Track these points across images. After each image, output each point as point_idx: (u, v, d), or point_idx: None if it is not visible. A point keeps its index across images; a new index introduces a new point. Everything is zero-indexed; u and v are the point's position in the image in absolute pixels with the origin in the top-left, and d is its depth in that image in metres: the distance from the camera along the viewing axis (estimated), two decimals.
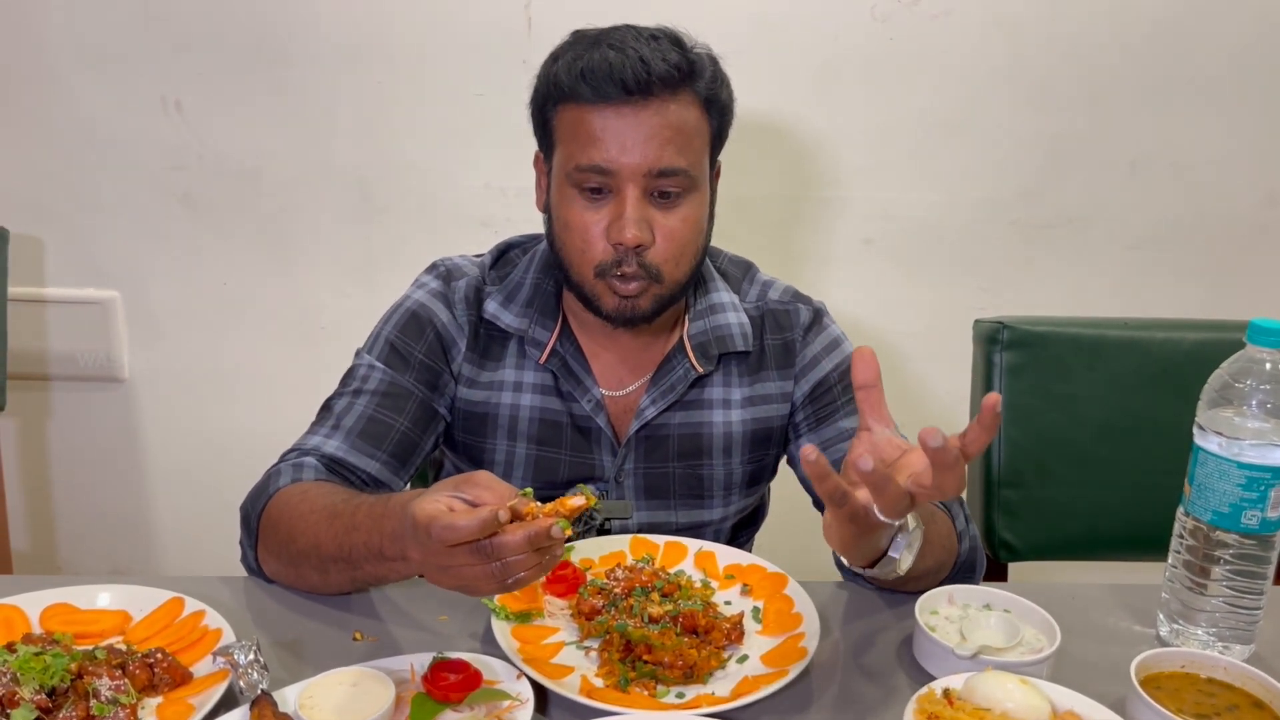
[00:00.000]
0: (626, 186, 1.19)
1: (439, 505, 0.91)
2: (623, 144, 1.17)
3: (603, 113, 1.17)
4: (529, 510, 0.91)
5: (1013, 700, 0.92)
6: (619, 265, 1.21)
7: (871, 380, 1.00)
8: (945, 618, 1.11)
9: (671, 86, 1.18)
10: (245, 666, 0.95)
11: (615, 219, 1.20)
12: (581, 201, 1.21)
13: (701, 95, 1.21)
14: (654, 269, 1.22)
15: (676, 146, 1.19)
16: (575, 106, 1.19)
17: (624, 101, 1.16)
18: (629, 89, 1.15)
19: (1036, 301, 2.02)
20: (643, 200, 1.20)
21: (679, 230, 1.22)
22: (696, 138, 1.22)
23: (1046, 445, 1.60)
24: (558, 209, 1.25)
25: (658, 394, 1.33)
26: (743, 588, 1.21)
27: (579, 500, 0.93)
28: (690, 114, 1.20)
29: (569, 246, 1.24)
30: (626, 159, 1.17)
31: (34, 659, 0.94)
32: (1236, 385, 1.06)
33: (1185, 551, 1.11)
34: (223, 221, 1.97)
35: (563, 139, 1.22)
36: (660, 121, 1.17)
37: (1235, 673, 1.02)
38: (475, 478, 0.95)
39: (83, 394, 2.08)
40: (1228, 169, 1.95)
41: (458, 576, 0.92)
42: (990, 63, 1.88)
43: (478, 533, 0.87)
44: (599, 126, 1.17)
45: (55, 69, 1.88)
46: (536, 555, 0.90)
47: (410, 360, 1.32)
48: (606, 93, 1.16)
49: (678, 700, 1.01)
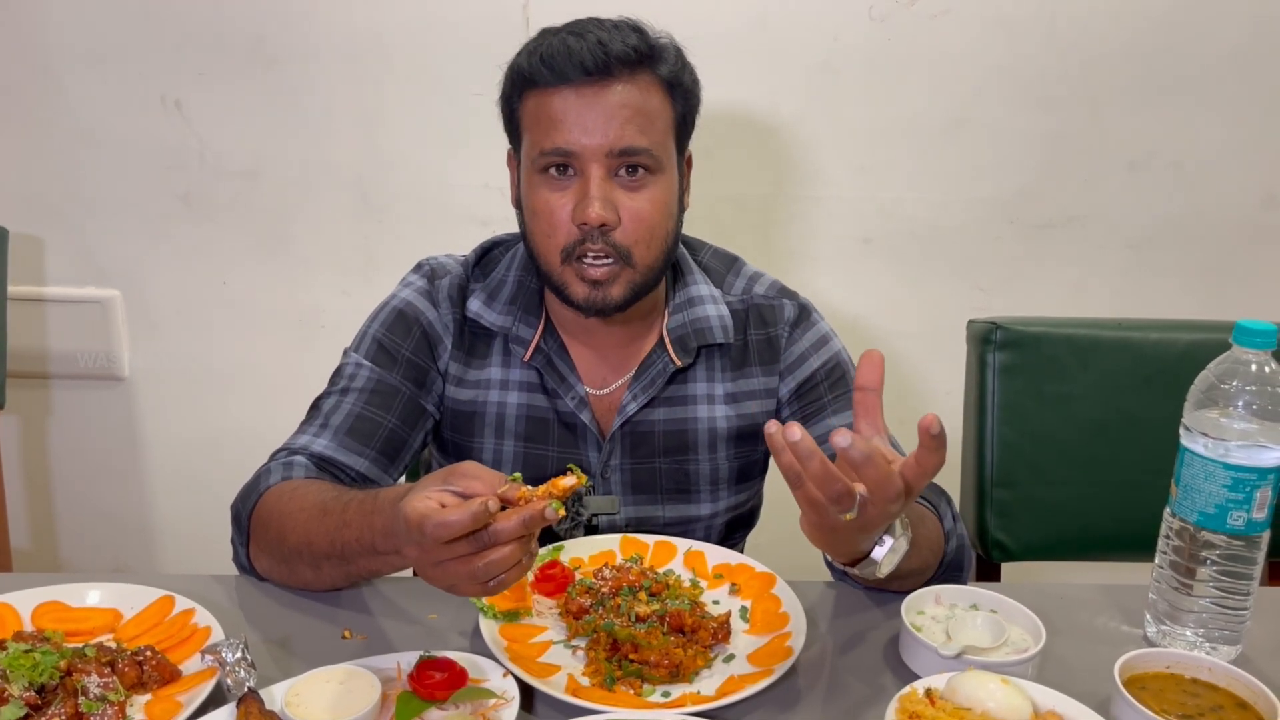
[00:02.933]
0: (589, 167, 1.19)
1: (429, 503, 0.92)
2: (584, 125, 1.18)
3: (563, 94, 1.19)
4: (521, 494, 0.92)
5: (994, 700, 0.93)
6: (584, 244, 1.21)
7: (873, 384, 1.00)
8: (932, 617, 1.12)
9: (630, 66, 1.19)
10: (233, 664, 0.96)
11: (580, 200, 1.20)
12: (547, 188, 1.22)
13: (663, 77, 1.22)
14: (623, 249, 1.22)
15: (637, 125, 1.19)
16: (536, 92, 1.21)
17: (583, 83, 1.18)
18: (587, 69, 1.17)
19: (1034, 301, 2.01)
20: (607, 180, 1.20)
21: (646, 211, 1.22)
22: (658, 119, 1.22)
23: (1039, 445, 1.60)
24: (527, 199, 1.26)
25: (639, 389, 1.34)
26: (731, 587, 1.21)
27: (570, 480, 0.94)
28: (651, 96, 1.21)
29: (537, 233, 1.25)
30: (588, 139, 1.18)
31: (23, 656, 0.95)
32: (1223, 386, 1.06)
33: (1172, 552, 1.11)
34: (222, 221, 1.98)
35: (528, 127, 1.24)
36: (619, 101, 1.19)
37: (1220, 673, 1.02)
38: (462, 468, 0.95)
39: (83, 392, 2.09)
40: (1226, 169, 1.95)
41: (452, 573, 0.92)
42: (988, 62, 1.88)
43: (470, 525, 0.88)
44: (559, 109, 1.19)
45: (55, 68, 1.89)
46: (520, 550, 0.91)
47: (398, 358, 1.33)
48: (565, 74, 1.18)
49: (663, 699, 1.01)
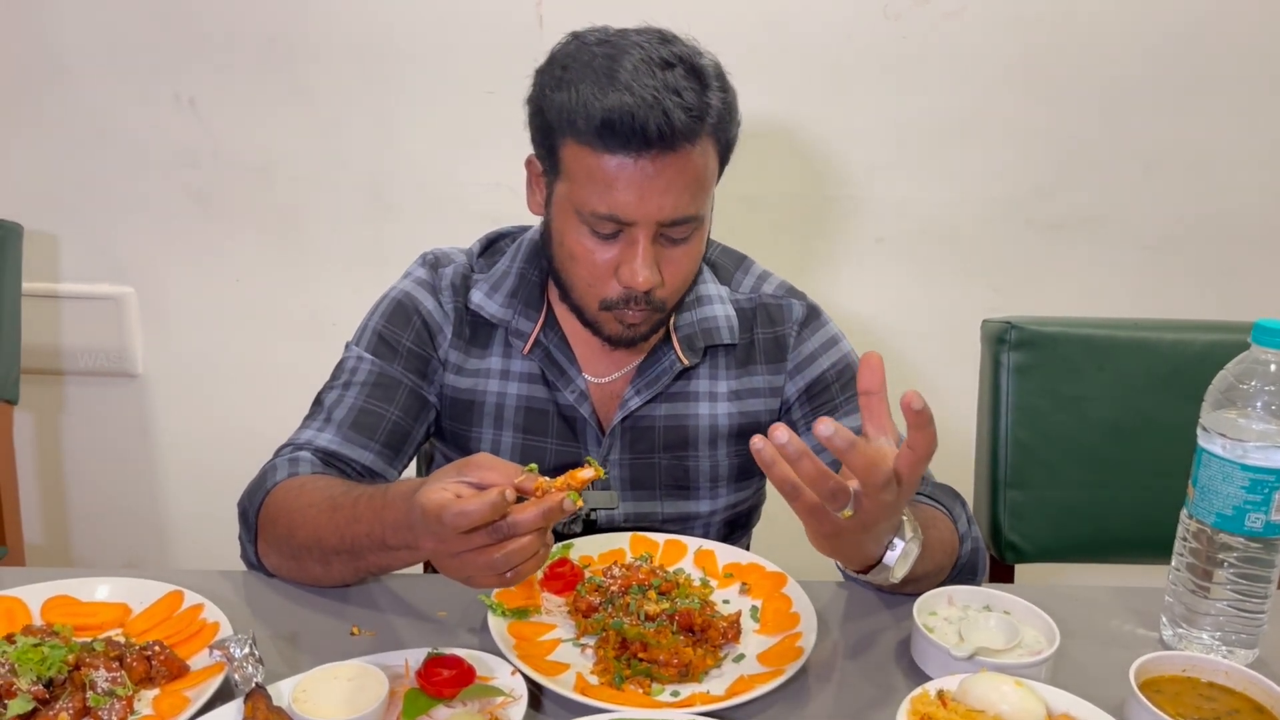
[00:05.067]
0: (639, 233, 1.16)
1: (446, 494, 0.92)
2: (640, 194, 1.13)
3: (620, 163, 1.12)
4: (538, 485, 0.92)
5: (1007, 702, 0.92)
6: (627, 303, 1.21)
7: (875, 387, 0.99)
8: (944, 619, 1.10)
9: (690, 138, 1.13)
10: (241, 660, 0.96)
11: (626, 262, 1.17)
12: (590, 239, 1.19)
13: (716, 136, 1.17)
14: (660, 303, 1.23)
15: (691, 194, 1.16)
16: (590, 151, 1.14)
17: (643, 153, 1.12)
18: (649, 141, 1.11)
19: (1049, 302, 2.00)
20: (653, 244, 1.18)
21: (684, 263, 1.22)
22: (710, 180, 1.19)
23: (1054, 446, 1.58)
24: (562, 235, 1.22)
25: (642, 384, 1.33)
26: (741, 586, 1.21)
27: (588, 472, 0.94)
28: (708, 159, 1.17)
29: (574, 275, 1.23)
30: (643, 210, 1.14)
31: (32, 650, 0.95)
32: (1241, 387, 1.05)
33: (1189, 554, 1.10)
34: (235, 218, 1.99)
35: (573, 176, 1.17)
36: (677, 172, 1.13)
37: (1236, 677, 1.01)
38: (477, 460, 0.95)
39: (96, 389, 2.10)
40: (1243, 169, 1.93)
41: (470, 564, 0.92)
42: (1003, 61, 1.87)
43: (489, 515, 0.88)
44: (614, 175, 1.13)
45: (70, 66, 1.90)
46: (537, 541, 0.91)
47: (398, 349, 1.32)
48: (626, 145, 1.11)
49: (672, 699, 1.01)
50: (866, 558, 1.04)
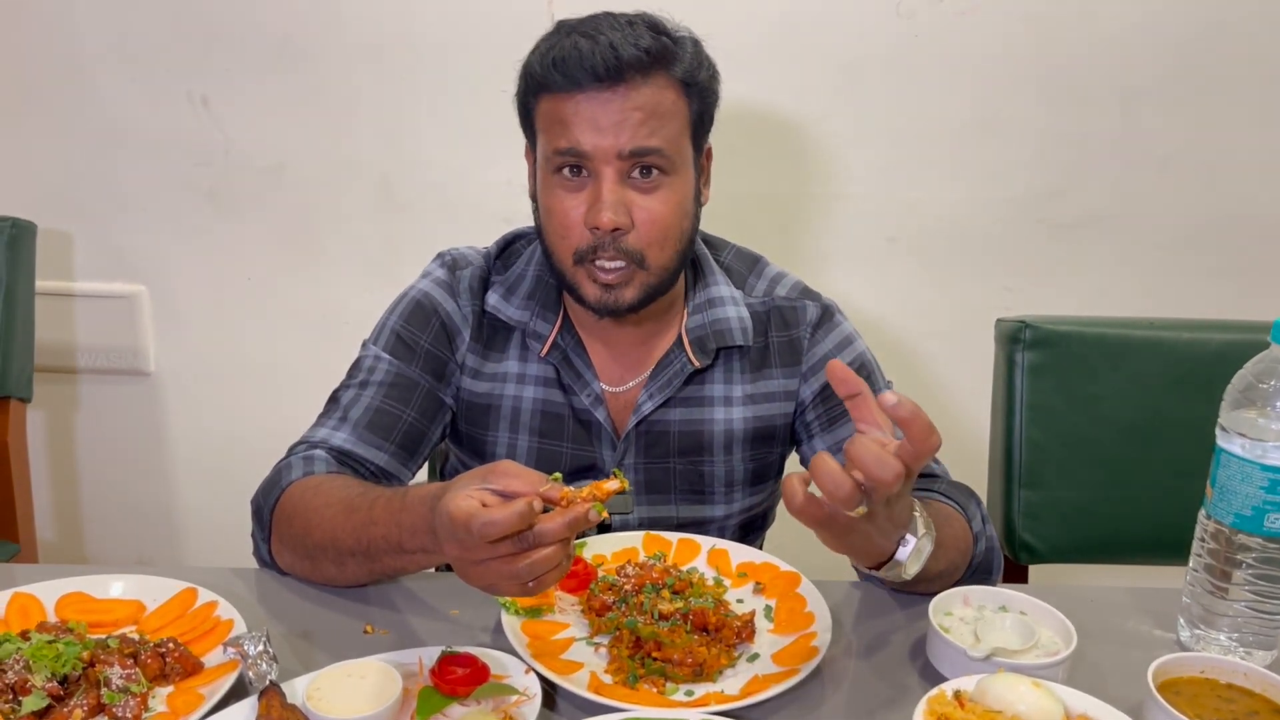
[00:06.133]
0: (602, 169, 1.18)
1: (472, 501, 0.91)
2: (595, 127, 1.17)
3: (575, 99, 1.17)
4: (564, 495, 0.92)
5: (1025, 703, 0.91)
6: (596, 251, 1.21)
7: (854, 389, 0.97)
8: (960, 619, 1.10)
9: (643, 70, 1.17)
10: (255, 657, 0.96)
11: (593, 203, 1.19)
12: (561, 189, 1.21)
13: (678, 77, 1.20)
14: (636, 254, 1.21)
15: (649, 128, 1.18)
16: (550, 96, 1.19)
17: (595, 87, 1.16)
18: (599, 75, 1.15)
19: (1062, 302, 1.99)
20: (620, 184, 1.19)
21: (660, 213, 1.21)
22: (673, 120, 1.20)
23: (1068, 446, 1.58)
24: (541, 198, 1.25)
25: (655, 388, 1.33)
26: (755, 586, 1.20)
27: (614, 484, 0.94)
28: (664, 96, 1.19)
29: (550, 233, 1.25)
30: (599, 140, 1.17)
31: (47, 647, 0.95)
32: (1260, 386, 1.04)
33: (1207, 555, 1.09)
34: (247, 217, 1.99)
35: (542, 128, 1.23)
36: (631, 104, 1.17)
37: (1255, 679, 1.00)
38: (501, 467, 0.95)
39: (109, 387, 2.10)
40: (1259, 168, 1.92)
41: (493, 573, 0.92)
42: (1017, 60, 1.86)
43: (517, 525, 0.88)
44: (571, 112, 1.17)
45: (83, 66, 1.90)
46: (561, 552, 0.91)
47: (416, 350, 1.32)
48: (577, 79, 1.16)
49: (687, 698, 1.00)
50: (879, 554, 1.03)
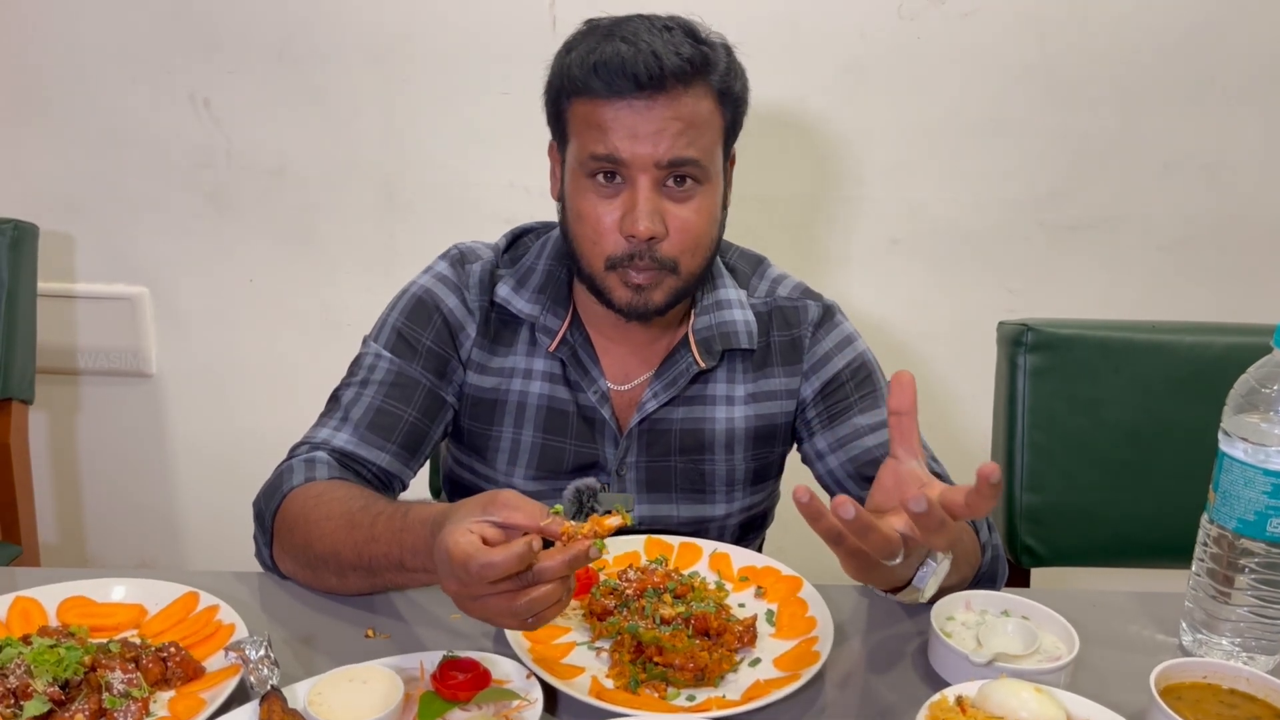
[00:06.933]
0: (639, 177, 1.18)
1: (471, 537, 0.90)
2: (635, 135, 1.16)
3: (615, 106, 1.16)
4: (565, 530, 0.91)
5: (1027, 709, 0.91)
6: (631, 259, 1.20)
7: (905, 408, 0.99)
8: (962, 624, 1.10)
9: (684, 80, 1.16)
10: (256, 662, 0.96)
11: (628, 211, 1.19)
12: (594, 193, 1.21)
13: (715, 87, 1.20)
14: (669, 261, 1.21)
15: (688, 138, 1.17)
16: (588, 101, 1.18)
17: (636, 95, 1.15)
18: (641, 83, 1.14)
19: (1065, 303, 1.99)
20: (655, 192, 1.19)
21: (693, 221, 1.21)
22: (709, 129, 1.20)
23: (1070, 450, 1.57)
24: (571, 199, 1.24)
25: (660, 387, 1.33)
26: (757, 590, 1.20)
27: (615, 520, 0.92)
28: (703, 106, 1.19)
29: (581, 237, 1.23)
30: (638, 149, 1.16)
31: (48, 651, 0.95)
32: (1263, 390, 1.04)
33: (1209, 560, 1.09)
34: (249, 219, 1.99)
35: (576, 131, 1.21)
36: (672, 114, 1.16)
37: (1258, 684, 1.00)
38: (503, 498, 0.93)
39: (111, 389, 2.10)
40: (1261, 171, 1.91)
41: (492, 608, 0.91)
42: (1019, 61, 1.86)
43: (516, 566, 0.87)
44: (610, 118, 1.17)
45: (86, 68, 1.90)
46: (560, 588, 0.91)
47: (418, 348, 1.32)
48: (619, 87, 1.15)
49: (688, 703, 1.00)
50: (897, 581, 1.04)
